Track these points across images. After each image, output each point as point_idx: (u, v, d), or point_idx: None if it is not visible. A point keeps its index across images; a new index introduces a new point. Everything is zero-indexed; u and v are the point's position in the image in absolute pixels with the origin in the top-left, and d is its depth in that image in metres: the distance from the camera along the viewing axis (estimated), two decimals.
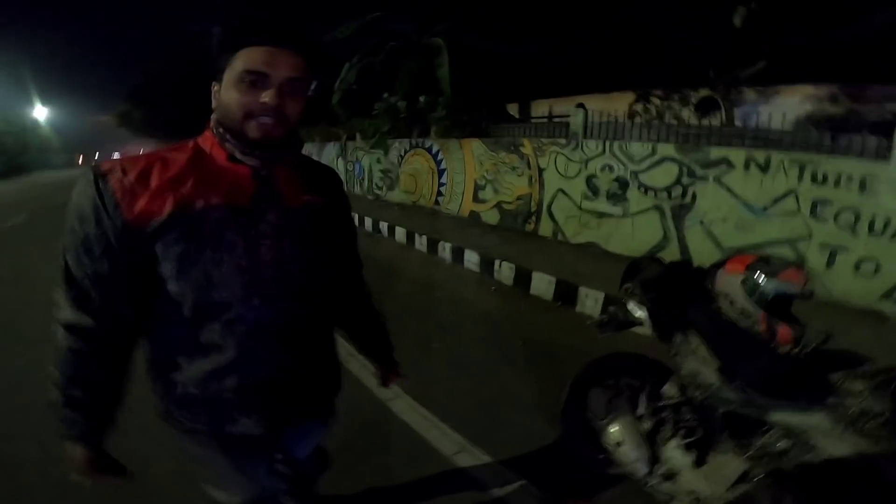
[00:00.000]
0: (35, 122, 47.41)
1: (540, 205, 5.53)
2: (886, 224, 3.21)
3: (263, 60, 0.78)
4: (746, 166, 3.75)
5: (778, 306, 1.23)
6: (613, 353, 1.83)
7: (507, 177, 6.01)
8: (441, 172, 7.39)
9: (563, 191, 5.20)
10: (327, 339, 1.04)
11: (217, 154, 0.85)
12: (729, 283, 1.30)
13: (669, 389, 1.54)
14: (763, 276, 1.23)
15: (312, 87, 0.88)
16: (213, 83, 0.84)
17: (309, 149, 13.87)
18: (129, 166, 0.79)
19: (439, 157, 7.42)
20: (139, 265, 0.80)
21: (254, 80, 0.78)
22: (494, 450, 2.01)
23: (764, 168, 3.66)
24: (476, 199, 6.69)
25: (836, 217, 3.42)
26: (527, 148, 5.65)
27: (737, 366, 1.30)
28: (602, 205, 4.77)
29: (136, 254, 0.79)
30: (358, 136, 9.59)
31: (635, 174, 4.42)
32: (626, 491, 1.74)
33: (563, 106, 7.14)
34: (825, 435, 1.17)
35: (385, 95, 8.52)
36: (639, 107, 7.36)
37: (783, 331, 1.21)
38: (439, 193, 7.48)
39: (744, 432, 1.33)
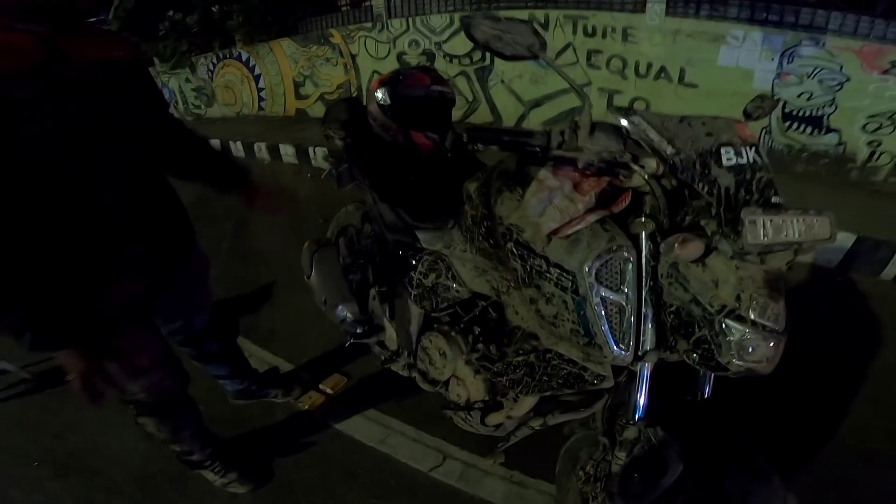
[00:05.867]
0: None
1: (359, 89, 5.44)
2: (648, 67, 3.67)
3: None
4: None
5: (424, 114, 1.15)
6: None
7: (323, 69, 5.74)
8: (257, 78, 6.74)
9: (377, 72, 5.08)
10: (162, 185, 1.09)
11: None
12: (371, 100, 1.22)
13: (366, 229, 1.41)
14: (386, 87, 1.16)
15: None
16: None
17: None
18: None
19: (251, 63, 6.66)
20: None
21: None
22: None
23: (544, 25, 3.88)
24: (298, 96, 6.37)
25: (607, 64, 3.82)
26: (336, 38, 5.40)
27: (385, 185, 1.21)
28: None
29: None
30: (156, 60, 8.00)
31: (439, 45, 4.47)
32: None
33: None
34: (462, 262, 1.06)
35: (170, 13, 7.11)
36: None
37: (419, 140, 1.17)
38: (261, 99, 6.93)
39: (408, 266, 1.20)
